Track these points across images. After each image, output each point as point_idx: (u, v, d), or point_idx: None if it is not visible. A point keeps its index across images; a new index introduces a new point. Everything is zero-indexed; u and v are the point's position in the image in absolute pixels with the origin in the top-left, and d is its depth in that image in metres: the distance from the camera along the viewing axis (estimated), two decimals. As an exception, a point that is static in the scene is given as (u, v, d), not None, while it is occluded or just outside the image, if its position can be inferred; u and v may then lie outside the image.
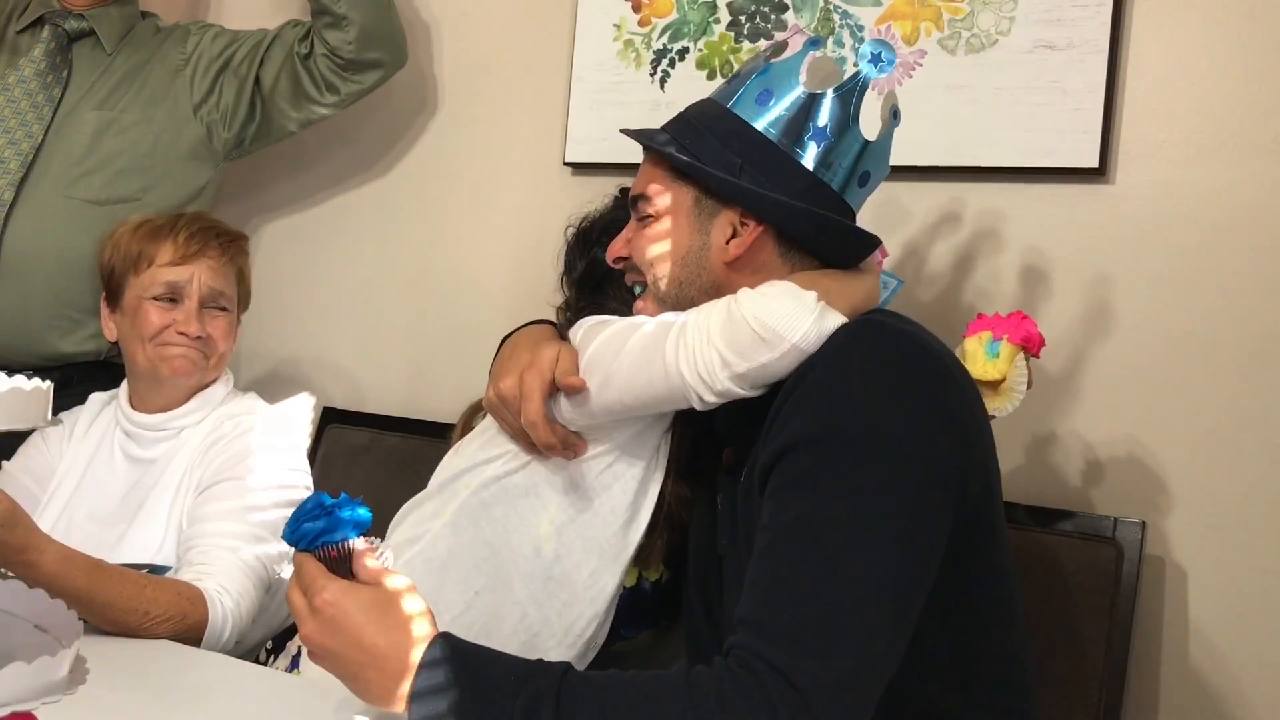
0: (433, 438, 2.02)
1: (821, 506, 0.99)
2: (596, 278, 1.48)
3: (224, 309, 1.66)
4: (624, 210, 1.48)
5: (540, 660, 1.00)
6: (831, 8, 1.74)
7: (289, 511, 1.55)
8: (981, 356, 1.32)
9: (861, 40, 1.72)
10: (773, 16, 1.79)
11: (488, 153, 2.08)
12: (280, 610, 1.64)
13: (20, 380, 0.75)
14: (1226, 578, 1.50)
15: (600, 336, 1.23)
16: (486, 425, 1.36)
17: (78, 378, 1.86)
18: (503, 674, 0.97)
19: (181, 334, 1.61)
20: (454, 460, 1.37)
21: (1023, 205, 1.63)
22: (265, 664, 1.56)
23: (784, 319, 1.09)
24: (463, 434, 1.45)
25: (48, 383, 1.17)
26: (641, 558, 1.31)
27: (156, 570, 1.48)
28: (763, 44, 1.79)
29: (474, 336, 2.08)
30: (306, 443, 1.76)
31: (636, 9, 1.91)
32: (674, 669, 0.99)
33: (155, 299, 1.62)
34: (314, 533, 1.01)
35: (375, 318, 2.20)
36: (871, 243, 1.22)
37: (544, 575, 1.27)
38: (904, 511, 0.99)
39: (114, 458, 1.67)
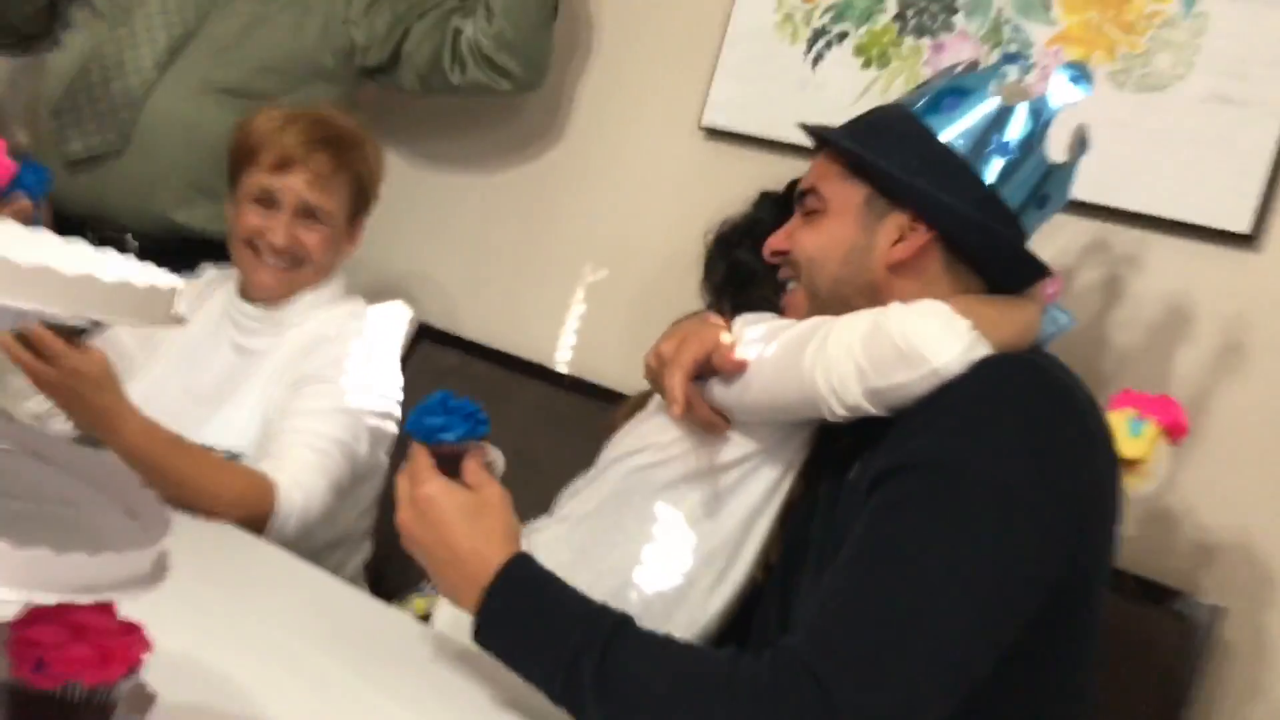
0: (520, 374, 2.04)
1: (917, 537, 0.98)
2: (740, 280, 1.47)
3: (322, 221, 1.65)
4: (765, 212, 1.46)
5: (605, 606, 1.04)
6: (1003, 19, 1.68)
7: (374, 423, 1.60)
8: (1124, 432, 1.29)
9: (1029, 58, 1.65)
10: (941, 16, 1.73)
11: (625, 106, 2.06)
12: (353, 510, 1.67)
13: (152, 271, 0.76)
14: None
15: (754, 329, 1.22)
16: (647, 414, 1.37)
17: (198, 252, 1.90)
18: (565, 609, 1.03)
19: (270, 242, 1.62)
20: (613, 446, 1.40)
21: (1165, 258, 1.56)
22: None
23: (931, 340, 1.06)
24: (626, 415, 1.45)
25: (178, 282, 1.20)
26: (766, 551, 1.31)
27: (233, 457, 1.52)
28: (926, 41, 1.74)
29: (575, 283, 2.08)
30: (399, 351, 1.79)
31: (803, -17, 1.86)
32: (725, 652, 1.00)
33: (254, 201, 1.63)
34: (433, 428, 1.06)
35: (484, 245, 2.20)
36: (1042, 270, 1.17)
37: (669, 570, 1.28)
38: (997, 569, 0.97)
39: (220, 341, 1.70)
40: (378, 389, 1.65)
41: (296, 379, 1.60)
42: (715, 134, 1.95)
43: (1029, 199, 1.18)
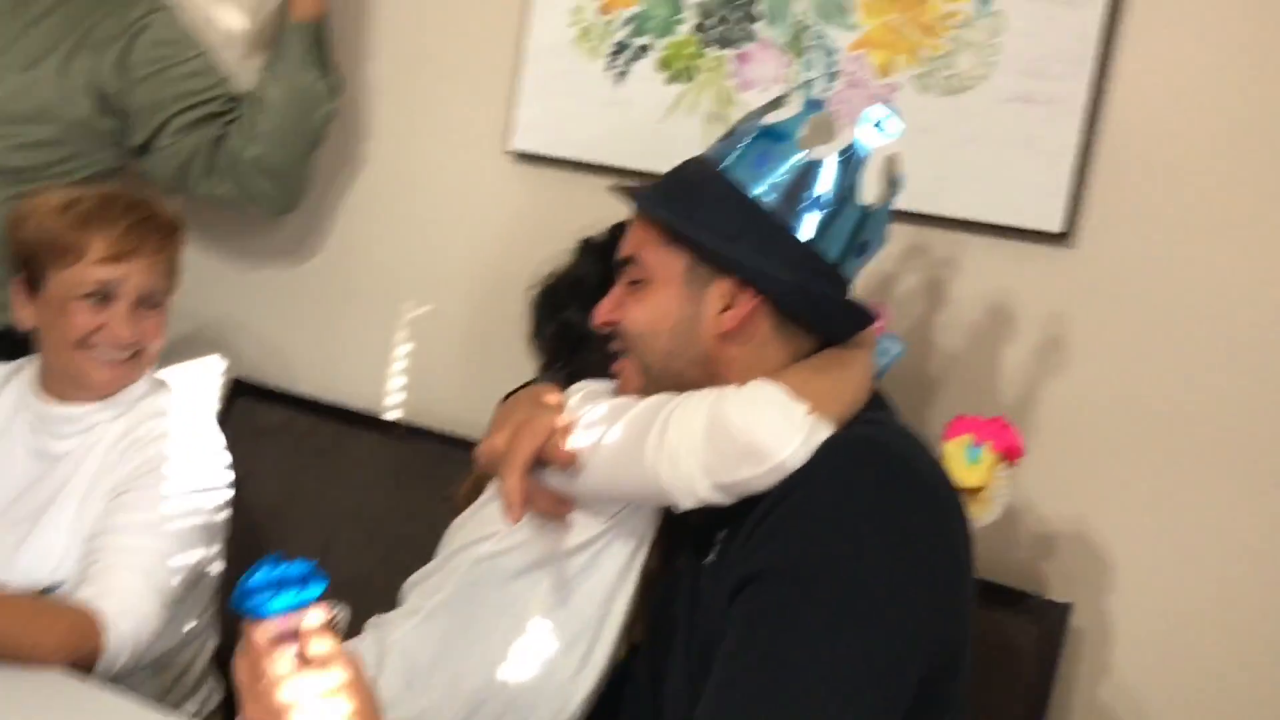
0: (349, 425, 1.95)
1: (787, 651, 0.96)
2: (571, 342, 1.41)
3: (159, 305, 1.54)
4: (589, 265, 1.41)
5: None
6: (804, 25, 1.64)
7: (204, 520, 1.49)
8: (962, 461, 1.29)
9: (834, 64, 1.63)
10: (741, 25, 1.69)
11: (430, 135, 1.96)
12: (195, 610, 1.57)
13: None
14: (1163, 665, 1.50)
15: (590, 413, 1.18)
16: (489, 497, 1.31)
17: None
18: None
19: (110, 338, 1.49)
20: (457, 533, 1.34)
21: (982, 261, 1.58)
22: None
23: (771, 435, 1.04)
24: (468, 493, 1.39)
25: None
26: (628, 627, 1.27)
27: (51, 589, 1.40)
28: (730, 52, 1.69)
29: (395, 321, 1.99)
30: (214, 415, 1.67)
31: (599, -7, 1.79)
32: None
33: (85, 297, 1.48)
34: (260, 602, 0.96)
35: (296, 288, 2.08)
36: (867, 317, 1.16)
37: (531, 660, 1.25)
38: (873, 671, 0.96)
39: (15, 447, 1.55)
40: (202, 483, 1.53)
41: (113, 487, 1.47)
42: (525, 157, 1.87)
43: (848, 248, 1.16)
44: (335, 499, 1.91)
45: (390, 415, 1.98)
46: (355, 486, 1.90)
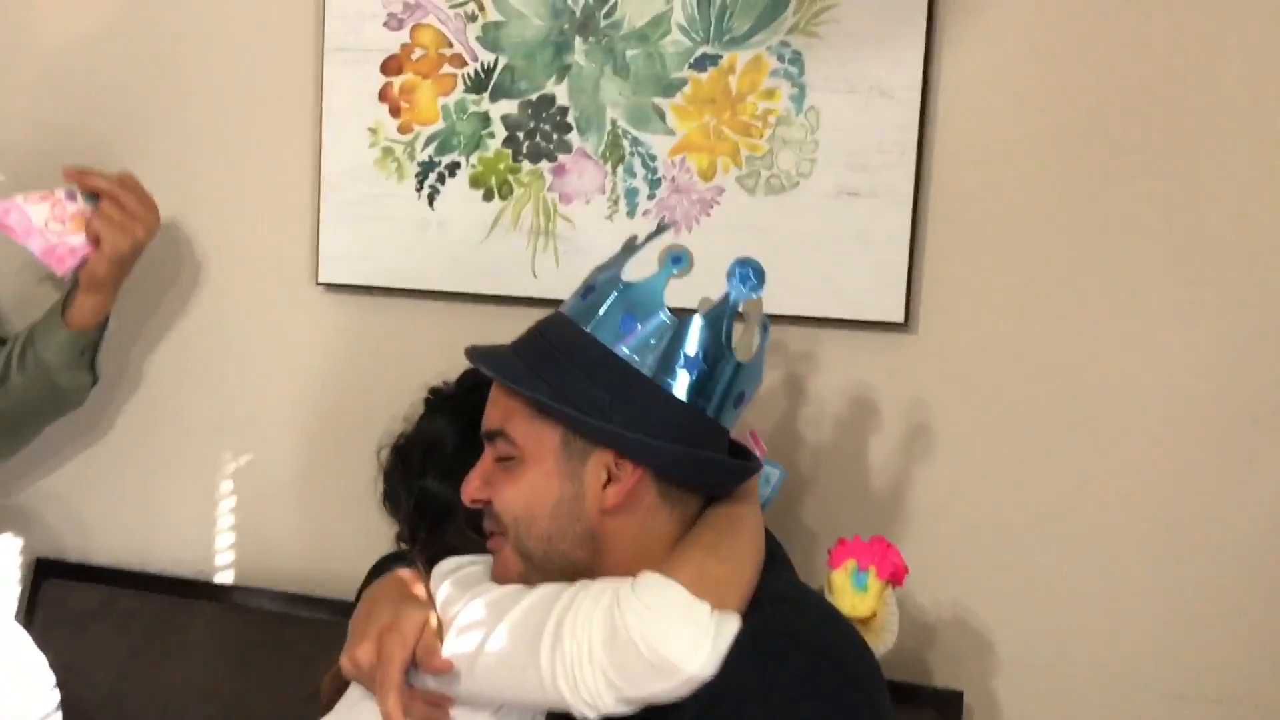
0: (179, 597, 1.78)
1: None
2: (433, 515, 1.30)
3: None
4: (442, 424, 1.31)
5: None
6: (620, 132, 1.59)
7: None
8: (849, 590, 1.26)
9: (655, 170, 1.58)
10: (554, 136, 1.62)
11: (236, 272, 1.81)
12: None
13: None
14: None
15: (466, 610, 1.08)
16: (361, 695, 1.18)
17: None
18: None
19: None
20: None
21: (834, 353, 1.56)
22: None
23: (679, 648, 0.98)
24: (329, 697, 1.26)
25: None
26: None
27: None
28: (545, 165, 1.62)
29: (216, 475, 1.83)
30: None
31: (395, 113, 1.68)
32: None
33: None
34: None
35: (103, 451, 1.88)
36: (751, 468, 1.12)
37: None
38: None
39: None
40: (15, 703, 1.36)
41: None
42: (336, 289, 1.75)
43: (724, 401, 1.11)
44: (177, 682, 1.74)
45: (222, 579, 1.83)
46: (197, 664, 1.74)
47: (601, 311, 1.09)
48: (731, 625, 1.01)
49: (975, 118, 1.50)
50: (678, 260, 1.11)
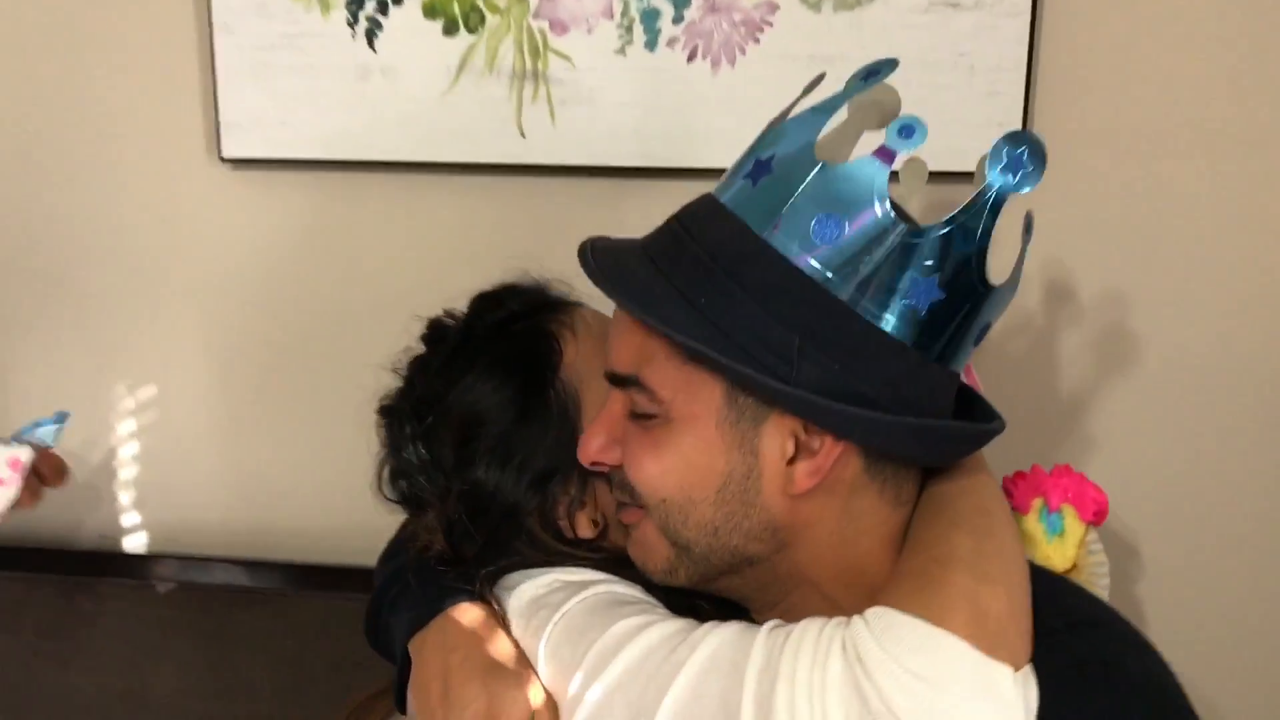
0: (84, 575, 1.39)
1: None
2: (492, 515, 0.86)
3: None
4: (477, 386, 0.88)
5: None
6: (628, -65, 1.18)
7: None
8: (1041, 539, 0.95)
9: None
10: (535, -57, 1.20)
11: (105, 152, 1.35)
12: None
13: None
14: None
15: (589, 681, 0.74)
16: None
17: None
18: None
19: None
20: None
21: (921, 215, 1.21)
22: None
23: None
24: None
25: None
26: None
27: None
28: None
29: (111, 415, 1.41)
30: None
31: (310, -82, 1.23)
32: None
33: None
34: None
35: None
36: (995, 430, 0.79)
37: None
38: None
39: None
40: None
41: None
42: (247, 165, 1.31)
43: (961, 339, 0.77)
44: (89, 688, 1.36)
45: (133, 546, 1.43)
46: (113, 659, 1.36)
47: (786, 208, 0.74)
48: (1030, 679, 0.69)
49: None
50: (907, 132, 0.74)
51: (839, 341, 0.72)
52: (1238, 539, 1.23)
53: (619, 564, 0.87)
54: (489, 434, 0.86)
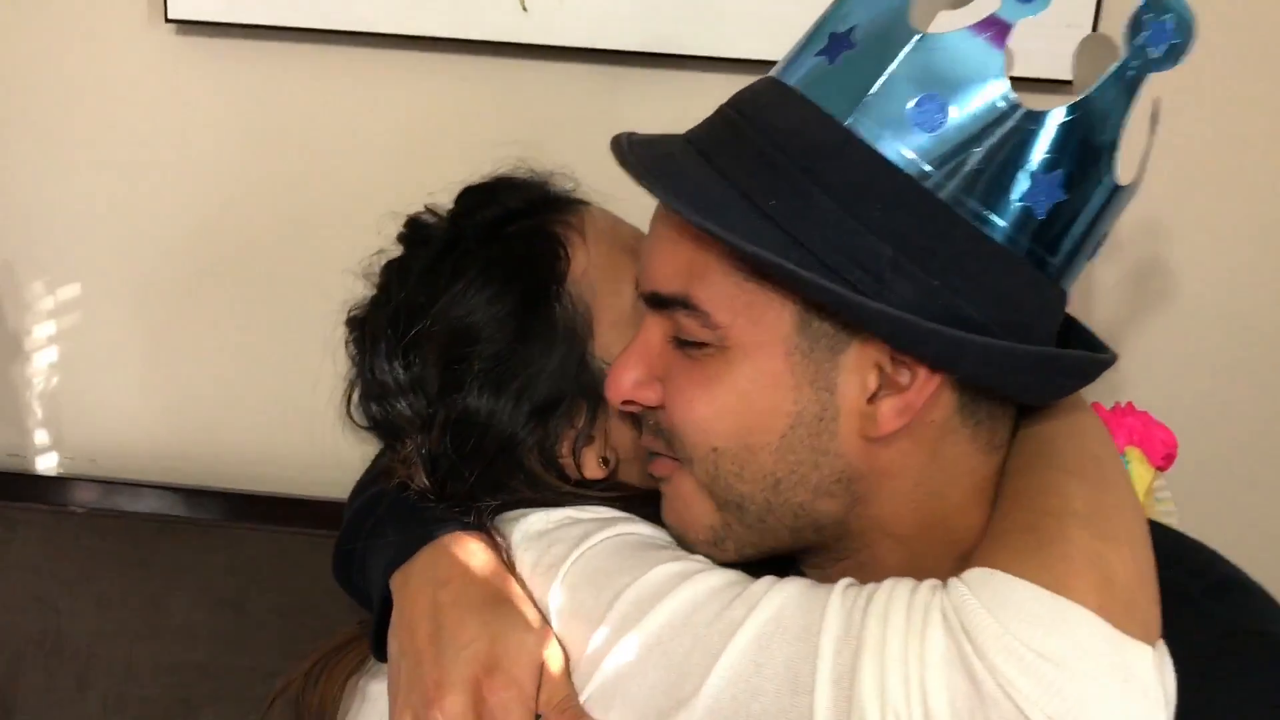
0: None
1: None
2: (486, 449, 0.74)
3: None
4: (467, 296, 0.75)
5: None
6: None
7: None
8: None
9: None
10: None
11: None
12: None
13: None
14: None
15: (614, 638, 0.62)
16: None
17: None
18: None
19: None
20: None
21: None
22: None
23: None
24: (332, 663, 0.80)
25: None
26: None
27: None
28: None
29: (28, 313, 1.23)
30: None
31: None
32: None
33: None
34: None
35: None
36: (1108, 360, 0.67)
37: None
38: None
39: None
40: None
41: None
42: (194, 28, 1.13)
43: (1078, 251, 0.65)
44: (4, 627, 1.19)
45: (45, 467, 1.26)
46: (22, 595, 1.19)
47: (878, 88, 0.61)
48: (1170, 674, 0.58)
49: None
50: None
51: (939, 252, 0.61)
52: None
53: (641, 503, 0.74)
54: (482, 354, 0.73)
